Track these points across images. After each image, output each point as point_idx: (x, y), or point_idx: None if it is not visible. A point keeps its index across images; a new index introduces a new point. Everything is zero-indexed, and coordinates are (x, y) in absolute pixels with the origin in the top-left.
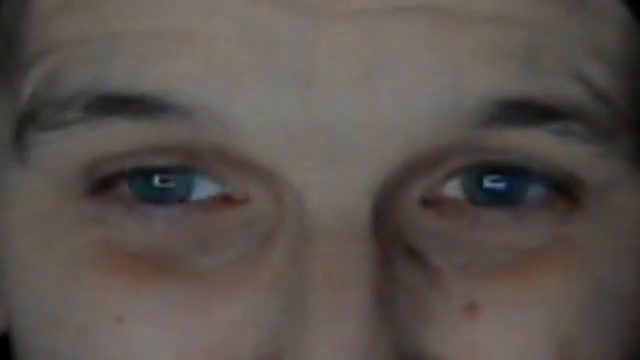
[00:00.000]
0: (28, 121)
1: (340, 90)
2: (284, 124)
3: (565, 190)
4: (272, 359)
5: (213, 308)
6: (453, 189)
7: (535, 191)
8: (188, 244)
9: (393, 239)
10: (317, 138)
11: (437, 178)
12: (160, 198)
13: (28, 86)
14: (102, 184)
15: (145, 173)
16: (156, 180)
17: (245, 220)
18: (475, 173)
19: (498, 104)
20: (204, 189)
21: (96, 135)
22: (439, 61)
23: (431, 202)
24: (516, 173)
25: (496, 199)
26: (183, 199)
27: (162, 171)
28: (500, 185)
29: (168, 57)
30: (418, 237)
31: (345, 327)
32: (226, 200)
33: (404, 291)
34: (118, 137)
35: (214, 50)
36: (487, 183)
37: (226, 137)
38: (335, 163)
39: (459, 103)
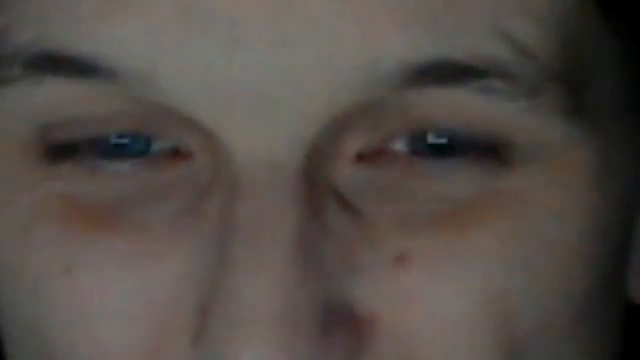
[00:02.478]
0: None
1: (261, 51)
2: (210, 84)
3: (494, 150)
4: (209, 309)
5: (156, 260)
6: (397, 144)
7: (472, 145)
8: (137, 198)
9: (325, 190)
10: (242, 96)
11: (375, 137)
12: (116, 153)
13: None
14: (57, 148)
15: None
16: (112, 138)
17: (188, 174)
18: (418, 132)
19: (413, 67)
20: (159, 144)
21: (39, 94)
22: (355, 25)
23: (368, 156)
24: (454, 130)
25: (438, 152)
26: (140, 153)
27: (117, 135)
28: (443, 140)
29: (100, 20)
30: (352, 189)
31: (267, 274)
32: (176, 155)
33: (333, 241)
34: (58, 98)
35: (144, 14)
36: (430, 139)
37: (158, 96)
38: (260, 119)
39: (376, 67)
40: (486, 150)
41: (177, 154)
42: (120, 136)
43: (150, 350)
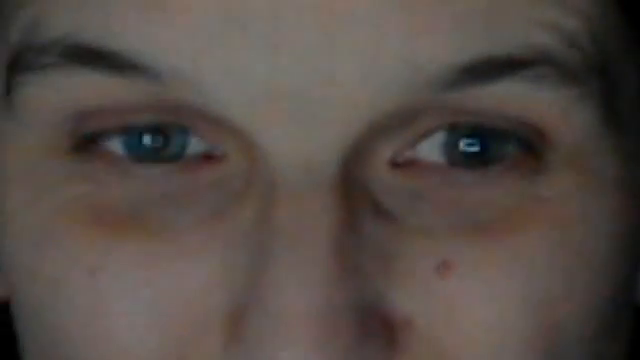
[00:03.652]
0: (13, 67)
1: (304, 54)
2: (251, 86)
3: (534, 149)
4: (240, 315)
5: (185, 263)
6: (428, 152)
7: (507, 151)
8: (164, 202)
9: (361, 196)
10: (283, 99)
11: (408, 139)
12: (147, 157)
13: (15, 33)
14: (87, 141)
15: (131, 131)
16: (144, 138)
17: (220, 177)
18: (451, 137)
19: (459, 68)
20: (194, 147)
21: (72, 83)
22: (399, 28)
23: (402, 163)
24: (489, 134)
25: (470, 161)
26: (172, 158)
27: (149, 129)
28: (474, 148)
29: (139, 17)
30: (388, 196)
31: (307, 275)
32: (208, 158)
33: (369, 245)
34: (93, 89)
35: (184, 14)
36: (462, 146)
37: (195, 99)
38: (301, 122)
39: (419, 70)
40: (522, 156)
41: (210, 158)
42: (152, 137)
43: (175, 354)
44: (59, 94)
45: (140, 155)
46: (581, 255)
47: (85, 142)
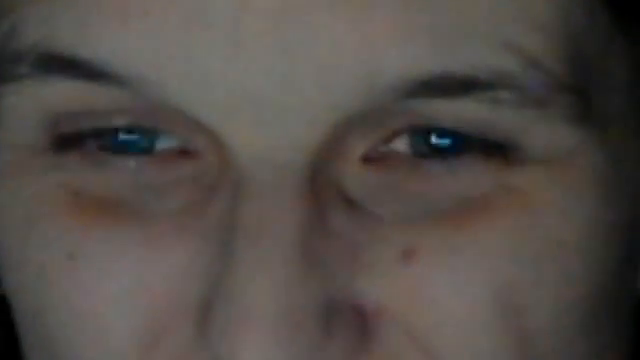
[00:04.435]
0: None
1: (262, 59)
2: (213, 89)
3: (500, 150)
4: (208, 309)
5: (159, 251)
6: (400, 146)
7: (475, 147)
8: (142, 192)
9: (330, 192)
10: (243, 100)
11: (379, 137)
12: (123, 149)
13: None
14: (65, 140)
15: (108, 131)
16: (120, 134)
17: (195, 172)
18: (421, 132)
19: (414, 82)
20: (165, 142)
21: (47, 91)
22: (355, 40)
23: (374, 158)
24: (456, 134)
25: (441, 153)
26: (146, 150)
27: (125, 129)
28: (446, 141)
29: (105, 25)
30: (358, 188)
31: (268, 274)
32: (183, 153)
33: (338, 241)
34: (68, 95)
35: (145, 20)
36: (434, 140)
37: (163, 99)
38: (263, 122)
39: (375, 79)
40: (493, 149)
41: (184, 153)
42: (128, 132)
43: (151, 339)
44: (36, 102)
45: (113, 147)
46: (551, 243)
47: (61, 141)
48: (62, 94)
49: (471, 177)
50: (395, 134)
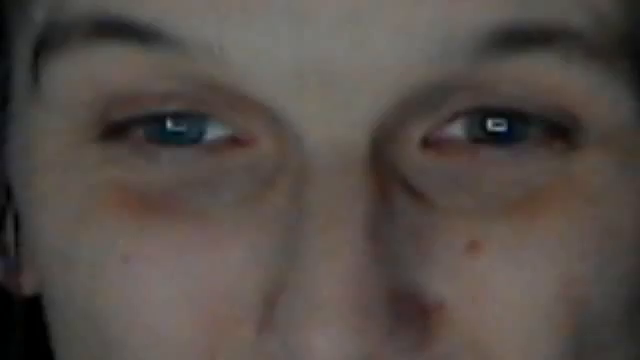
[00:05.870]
0: (40, 46)
1: (331, 27)
2: (276, 61)
3: (563, 132)
4: (274, 300)
5: (217, 248)
6: (456, 131)
7: (535, 131)
8: (195, 186)
9: (392, 177)
10: (311, 76)
11: (438, 119)
12: (172, 141)
13: (40, 12)
14: (114, 129)
15: (157, 119)
16: (169, 124)
17: (250, 161)
18: (477, 116)
19: (493, 33)
20: (215, 132)
21: (98, 60)
22: None
23: (432, 143)
24: (516, 115)
25: (498, 139)
26: (195, 141)
27: (174, 115)
28: (502, 128)
29: None
30: (419, 176)
31: (338, 261)
32: (234, 142)
33: (401, 227)
34: (119, 65)
35: None
36: (490, 126)
37: (221, 73)
38: (331, 100)
39: (453, 35)
40: (553, 133)
41: (234, 142)
42: (177, 119)
43: (210, 340)
44: (85, 72)
45: (161, 139)
46: (612, 233)
47: (111, 129)
48: (114, 64)
49: (531, 164)
50: (453, 117)
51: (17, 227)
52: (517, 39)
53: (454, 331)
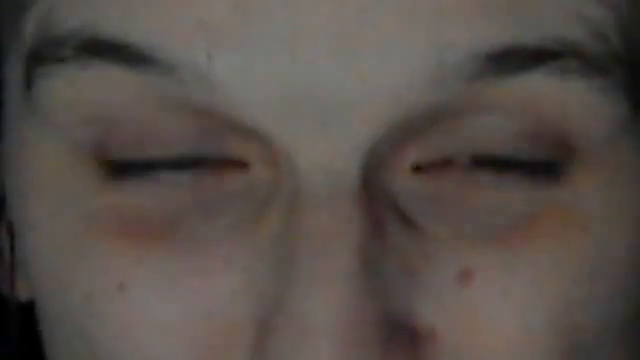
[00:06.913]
0: (31, 60)
1: (322, 54)
2: (267, 84)
3: (552, 161)
4: (267, 326)
5: (213, 275)
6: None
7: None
8: (192, 212)
9: (384, 203)
10: (302, 99)
11: (431, 144)
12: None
13: (30, 23)
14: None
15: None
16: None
17: (246, 185)
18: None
19: (485, 57)
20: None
21: (88, 77)
22: (422, 18)
23: (423, 168)
24: (503, 162)
25: (493, 161)
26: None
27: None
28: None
29: (156, 10)
30: (410, 202)
31: (330, 289)
32: (232, 164)
33: (393, 255)
34: (111, 84)
35: (201, 8)
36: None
37: (212, 98)
38: (323, 124)
39: (444, 59)
40: (545, 158)
41: (232, 163)
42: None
43: None
44: (76, 88)
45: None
46: (603, 256)
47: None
48: (103, 82)
49: (520, 191)
50: (450, 146)
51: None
52: (512, 61)
53: (445, 358)
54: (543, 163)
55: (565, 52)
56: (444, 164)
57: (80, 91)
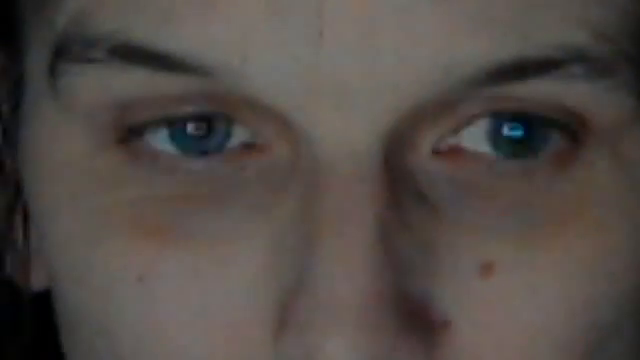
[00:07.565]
0: (60, 53)
1: (344, 46)
2: (296, 77)
3: (575, 134)
4: (289, 303)
5: (232, 261)
6: (471, 140)
7: (550, 136)
8: (211, 200)
9: (404, 186)
10: (326, 88)
11: (450, 126)
12: (193, 147)
13: (62, 18)
14: (132, 133)
15: (177, 123)
16: (190, 128)
17: (264, 168)
18: (493, 122)
19: (490, 69)
20: (236, 136)
21: (118, 78)
22: (434, 28)
23: (445, 151)
24: (531, 119)
25: (514, 147)
26: (218, 147)
27: (195, 119)
28: (518, 132)
29: (190, 19)
30: (430, 186)
31: (353, 266)
32: (251, 148)
33: (414, 237)
34: (142, 84)
35: (231, 8)
36: (506, 131)
37: (243, 91)
38: (343, 109)
39: (452, 69)
40: (564, 144)
41: (251, 147)
42: (197, 122)
43: (230, 351)
44: (104, 87)
45: (185, 146)
46: (621, 251)
47: (130, 135)
48: (133, 82)
49: (545, 181)
50: (467, 122)
51: (25, 220)
52: (519, 71)
53: (458, 350)
54: (566, 144)
55: (570, 59)
56: (462, 149)
57: (106, 89)
